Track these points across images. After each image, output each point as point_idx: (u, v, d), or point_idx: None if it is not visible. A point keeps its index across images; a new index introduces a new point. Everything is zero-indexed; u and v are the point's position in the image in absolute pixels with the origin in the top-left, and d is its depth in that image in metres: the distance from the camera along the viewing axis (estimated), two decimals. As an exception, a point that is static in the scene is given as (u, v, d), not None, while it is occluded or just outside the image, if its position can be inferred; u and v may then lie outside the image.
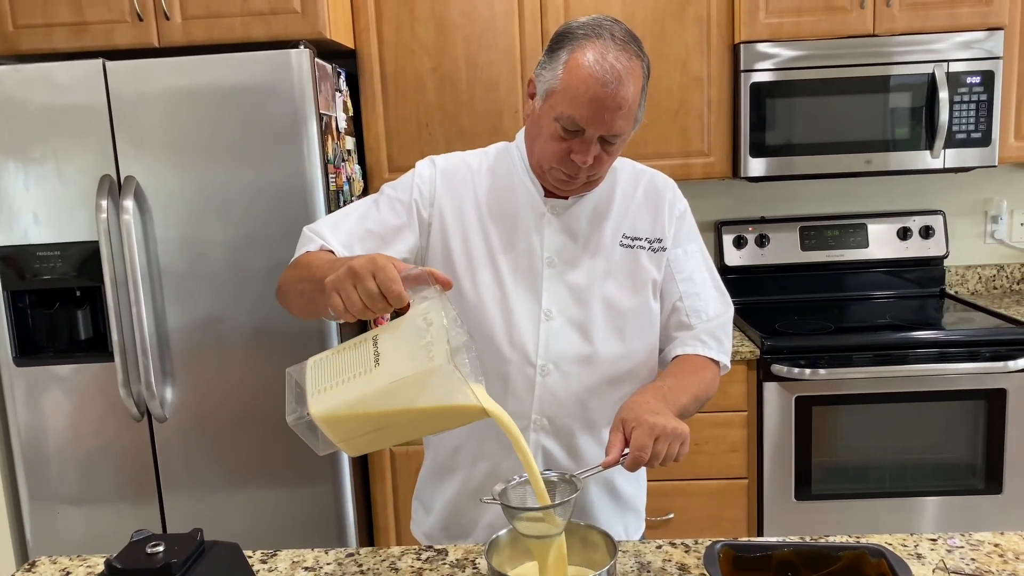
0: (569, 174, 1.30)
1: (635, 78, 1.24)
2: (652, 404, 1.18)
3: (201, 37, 2.39)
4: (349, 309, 1.02)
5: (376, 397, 0.98)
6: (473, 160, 1.43)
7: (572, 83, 1.23)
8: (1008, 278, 3.11)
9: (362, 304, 1.01)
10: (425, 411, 1.00)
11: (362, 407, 0.99)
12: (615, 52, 1.23)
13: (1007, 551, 1.24)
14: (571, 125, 1.25)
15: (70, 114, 2.26)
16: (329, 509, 2.43)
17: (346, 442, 1.02)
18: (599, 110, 1.22)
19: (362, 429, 1.01)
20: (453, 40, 2.67)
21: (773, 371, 2.48)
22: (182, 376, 2.37)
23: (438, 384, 0.98)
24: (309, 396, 1.00)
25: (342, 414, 0.99)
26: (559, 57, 1.26)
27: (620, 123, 1.25)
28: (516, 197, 1.39)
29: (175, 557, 0.98)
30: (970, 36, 2.58)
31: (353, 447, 1.04)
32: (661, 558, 1.26)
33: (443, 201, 1.38)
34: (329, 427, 1.00)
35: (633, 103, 1.25)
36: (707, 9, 2.64)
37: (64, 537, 2.47)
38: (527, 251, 1.37)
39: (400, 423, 1.02)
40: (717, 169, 2.74)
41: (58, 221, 2.31)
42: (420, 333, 1.00)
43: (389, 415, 1.00)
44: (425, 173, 1.41)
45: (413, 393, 0.98)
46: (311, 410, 0.98)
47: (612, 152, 1.29)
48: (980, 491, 2.54)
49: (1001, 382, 2.47)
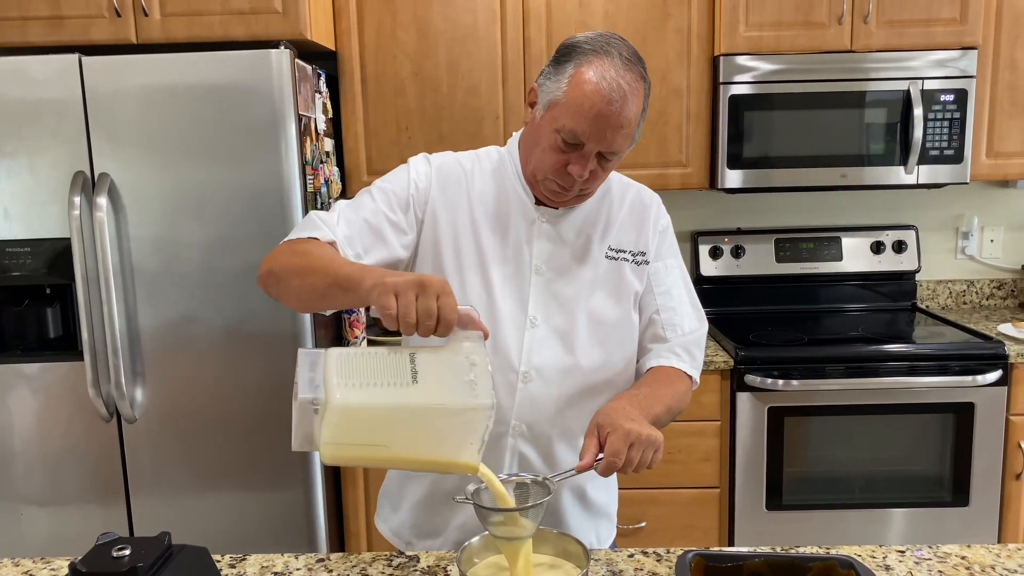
0: (563, 186, 1.31)
1: (638, 99, 1.25)
2: (628, 411, 1.18)
3: (180, 34, 2.37)
4: (400, 314, 1.01)
5: (407, 412, 0.99)
6: (466, 161, 1.43)
7: (577, 97, 1.23)
8: (978, 293, 3.16)
9: (416, 317, 1.00)
10: (440, 445, 1.01)
11: (386, 415, 0.99)
12: (622, 71, 1.23)
13: (973, 564, 1.25)
14: (572, 138, 1.25)
15: (44, 109, 2.23)
16: (299, 514, 2.41)
17: (337, 445, 0.99)
18: (602, 126, 1.23)
19: (367, 437, 1.00)
20: (435, 45, 2.67)
21: (747, 381, 2.50)
22: (153, 377, 2.34)
23: (469, 422, 1.00)
24: (333, 385, 0.97)
25: (364, 415, 0.98)
26: (565, 69, 1.26)
27: (620, 141, 1.26)
28: (508, 203, 1.39)
29: (141, 561, 0.97)
30: (945, 55, 2.62)
31: (338, 452, 1.01)
32: (633, 567, 1.26)
33: (437, 200, 1.38)
34: (340, 421, 0.97)
35: (634, 123, 1.26)
36: (688, 21, 2.66)
37: (28, 538, 2.42)
38: (516, 257, 1.37)
39: (403, 447, 1.01)
40: (694, 180, 2.75)
41: (29, 217, 2.28)
42: (464, 369, 1.02)
43: (405, 434, 1.00)
44: (421, 170, 1.40)
45: (443, 422, 1.00)
46: (334, 397, 0.96)
47: (607, 168, 1.31)
48: (947, 503, 2.57)
49: (970, 396, 2.51)
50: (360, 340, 2.68)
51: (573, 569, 1.12)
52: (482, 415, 0.99)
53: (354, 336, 2.67)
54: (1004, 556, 1.28)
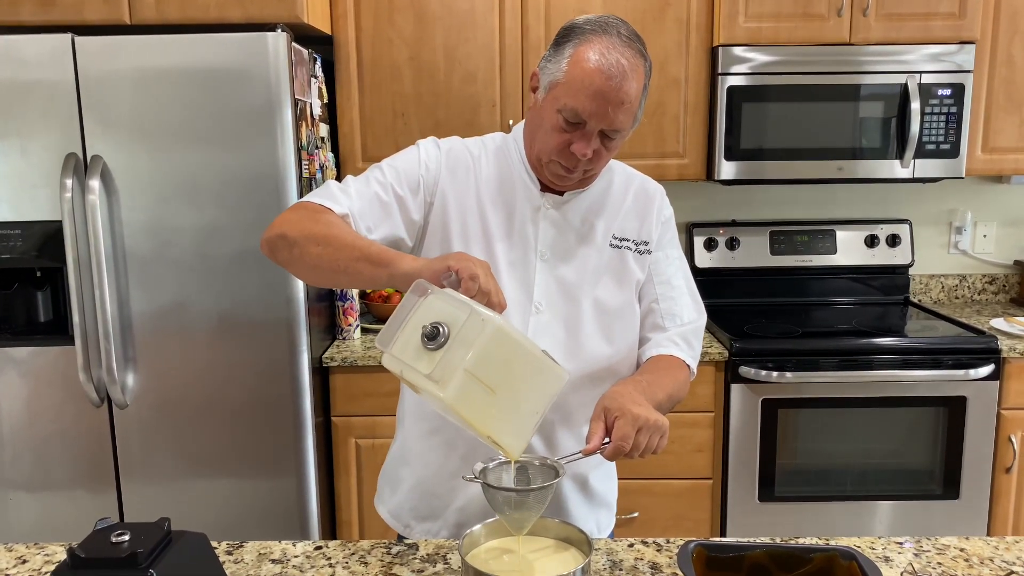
0: (567, 167, 1.31)
1: (638, 75, 1.26)
2: (634, 396, 1.19)
3: (174, 16, 2.34)
4: (464, 273, 1.06)
5: (531, 358, 1.06)
6: (473, 147, 1.43)
7: (577, 75, 1.24)
8: (970, 288, 3.17)
9: (480, 282, 1.06)
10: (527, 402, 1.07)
11: (517, 352, 1.05)
12: (621, 48, 1.24)
13: (972, 556, 1.26)
14: (573, 117, 1.25)
15: (36, 90, 2.19)
16: (292, 501, 2.40)
17: (472, 376, 1.00)
18: (602, 103, 1.23)
19: (495, 374, 1.02)
20: (432, 31, 2.64)
21: (741, 373, 2.50)
22: (144, 362, 2.32)
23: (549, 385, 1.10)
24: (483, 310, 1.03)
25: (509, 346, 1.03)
26: (564, 50, 1.27)
27: (621, 118, 1.26)
28: (514, 188, 1.39)
29: (141, 547, 0.95)
30: (942, 48, 2.62)
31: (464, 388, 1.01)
32: (633, 556, 1.26)
33: (446, 183, 1.38)
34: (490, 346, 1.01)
35: (635, 100, 1.26)
36: (687, 11, 2.65)
37: (15, 525, 2.40)
38: (522, 242, 1.37)
39: (509, 397, 1.04)
40: (691, 171, 2.75)
41: (20, 199, 2.25)
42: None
43: (516, 382, 1.05)
44: (432, 152, 1.39)
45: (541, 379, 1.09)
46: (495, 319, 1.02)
47: (610, 147, 1.30)
48: (938, 496, 2.59)
49: (961, 390, 2.52)
50: (354, 327, 2.66)
51: (577, 553, 1.12)
52: (559, 382, 1.09)
53: (347, 324, 2.65)
54: (1002, 548, 1.28)
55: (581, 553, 1.11)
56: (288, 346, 2.32)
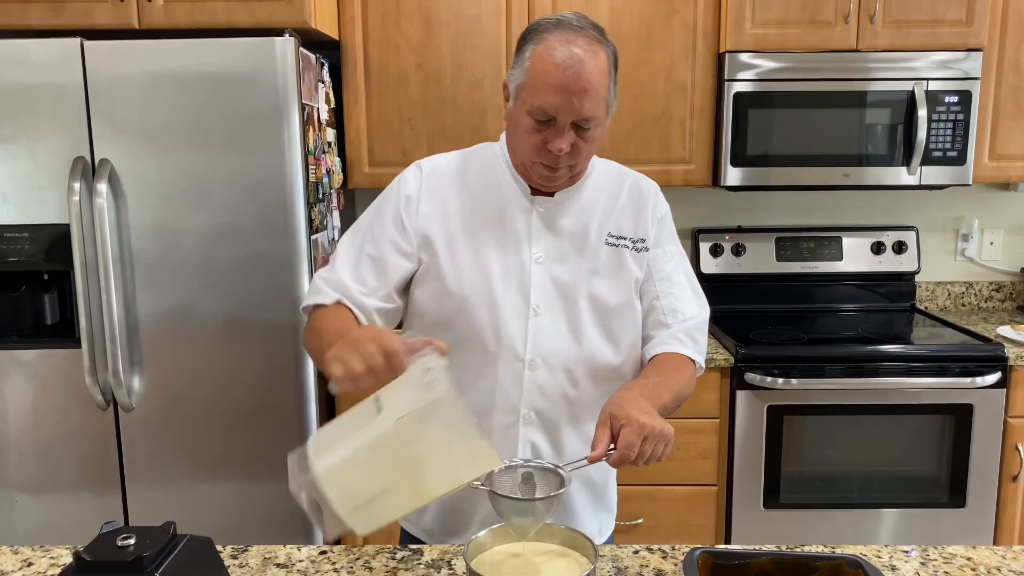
0: (550, 166, 1.32)
1: (597, 61, 1.26)
2: (640, 402, 1.18)
3: (183, 20, 2.35)
4: (348, 373, 1.03)
5: (380, 440, 0.97)
6: (457, 161, 1.45)
7: (537, 74, 1.26)
8: (976, 295, 3.16)
9: (364, 366, 1.02)
10: (430, 451, 0.98)
11: (366, 456, 0.97)
12: (573, 37, 1.26)
13: (979, 565, 1.25)
14: (542, 115, 1.27)
15: (45, 93, 2.20)
16: (296, 505, 2.39)
17: (353, 511, 0.98)
18: (566, 96, 1.25)
19: (368, 488, 0.98)
20: (439, 37, 2.65)
21: (747, 379, 2.49)
22: (150, 365, 2.32)
23: (442, 417, 0.98)
24: (312, 459, 0.98)
25: (346, 467, 0.97)
26: (524, 53, 1.30)
27: (588, 106, 1.26)
28: (503, 195, 1.40)
29: (147, 551, 0.96)
30: (950, 56, 2.62)
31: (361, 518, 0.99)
32: (638, 563, 1.25)
33: (428, 204, 1.40)
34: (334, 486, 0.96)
35: (599, 86, 1.27)
36: (694, 17, 2.65)
37: (21, 527, 2.41)
38: (515, 248, 1.38)
39: (405, 474, 0.99)
40: (697, 177, 2.75)
41: (28, 202, 2.25)
42: (419, 376, 1.01)
43: (393, 463, 0.98)
44: (411, 180, 1.43)
45: (415, 430, 0.97)
46: (315, 468, 0.96)
47: (588, 139, 1.31)
48: (944, 505, 2.57)
49: (968, 398, 2.51)
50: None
51: (582, 559, 1.12)
52: (450, 408, 0.97)
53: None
54: (1010, 558, 1.27)
55: (586, 559, 1.11)
56: (294, 350, 2.32)
